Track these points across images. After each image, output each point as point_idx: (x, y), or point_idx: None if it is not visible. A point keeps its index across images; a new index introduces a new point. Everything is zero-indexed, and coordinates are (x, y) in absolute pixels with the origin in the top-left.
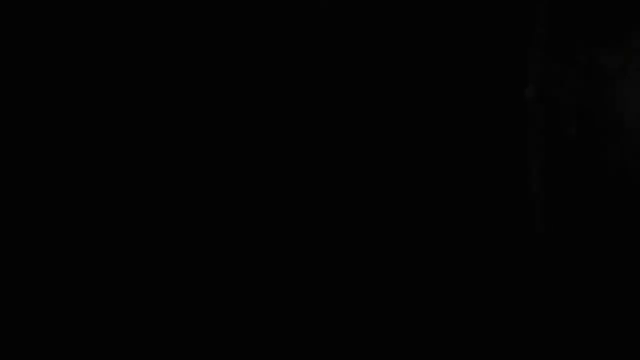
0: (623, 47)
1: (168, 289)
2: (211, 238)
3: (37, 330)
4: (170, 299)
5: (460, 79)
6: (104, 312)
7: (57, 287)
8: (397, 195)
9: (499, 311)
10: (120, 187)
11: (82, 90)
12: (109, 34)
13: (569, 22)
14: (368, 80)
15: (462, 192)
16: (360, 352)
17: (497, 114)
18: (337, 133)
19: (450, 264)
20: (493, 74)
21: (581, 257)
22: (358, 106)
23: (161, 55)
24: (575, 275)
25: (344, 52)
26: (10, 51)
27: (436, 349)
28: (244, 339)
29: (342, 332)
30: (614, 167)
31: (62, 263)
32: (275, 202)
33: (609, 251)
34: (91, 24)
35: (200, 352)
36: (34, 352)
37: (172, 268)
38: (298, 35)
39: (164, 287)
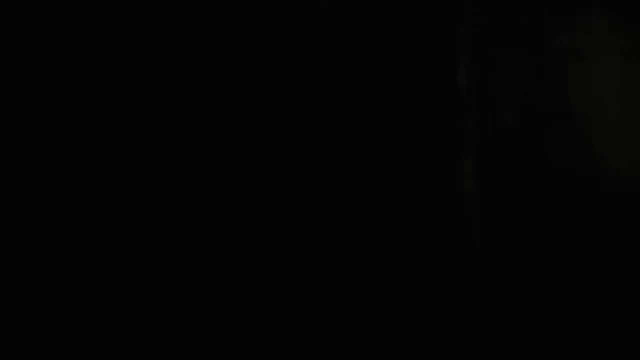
0: (572, 24)
1: (167, 289)
2: (207, 238)
3: (37, 330)
4: (169, 298)
5: (381, 63)
6: (103, 311)
7: (57, 287)
8: (308, 194)
9: (431, 327)
10: (119, 186)
11: (81, 90)
12: (109, 33)
13: None
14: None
15: (385, 193)
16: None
17: (425, 103)
18: (333, 131)
19: (371, 277)
20: (418, 58)
21: (522, 266)
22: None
23: (160, 54)
24: (517, 288)
25: (344, 52)
26: (10, 51)
27: None
28: (237, 339)
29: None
30: (557, 160)
31: (62, 263)
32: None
33: (553, 258)
34: (91, 24)
35: (200, 352)
36: (34, 352)
37: (170, 267)
38: (298, 35)
39: (164, 287)
